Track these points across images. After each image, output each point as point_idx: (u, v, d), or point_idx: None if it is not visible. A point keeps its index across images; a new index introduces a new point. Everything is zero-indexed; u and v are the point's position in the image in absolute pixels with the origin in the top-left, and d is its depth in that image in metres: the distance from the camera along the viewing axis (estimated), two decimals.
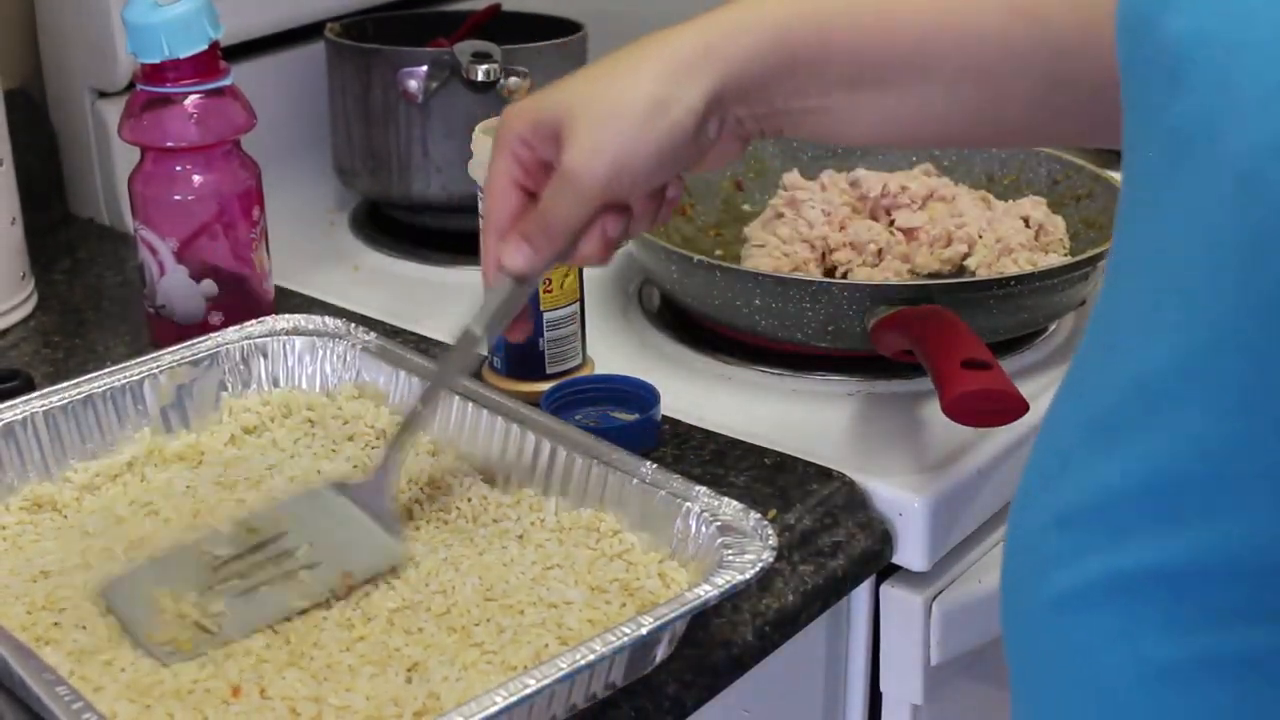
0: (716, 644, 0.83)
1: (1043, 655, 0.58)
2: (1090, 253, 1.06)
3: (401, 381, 0.95)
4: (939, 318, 0.97)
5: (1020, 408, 0.89)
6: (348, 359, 0.98)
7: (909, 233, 1.14)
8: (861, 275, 1.11)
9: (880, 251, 1.13)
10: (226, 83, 1.06)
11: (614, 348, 1.10)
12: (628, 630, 0.72)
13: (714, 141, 0.79)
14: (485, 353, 1.01)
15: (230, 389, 0.97)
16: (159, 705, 0.71)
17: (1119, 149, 0.57)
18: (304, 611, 0.78)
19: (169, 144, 1.05)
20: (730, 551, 0.78)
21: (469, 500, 0.87)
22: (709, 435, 0.99)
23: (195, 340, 0.97)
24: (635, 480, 0.84)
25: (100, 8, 1.23)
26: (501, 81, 1.20)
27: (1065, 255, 1.14)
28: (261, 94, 1.15)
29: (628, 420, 0.98)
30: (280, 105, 1.34)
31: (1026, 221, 1.15)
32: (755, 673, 0.86)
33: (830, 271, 1.12)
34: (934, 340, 0.94)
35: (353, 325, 0.99)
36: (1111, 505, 0.53)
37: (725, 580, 0.75)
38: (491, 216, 0.80)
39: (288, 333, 0.99)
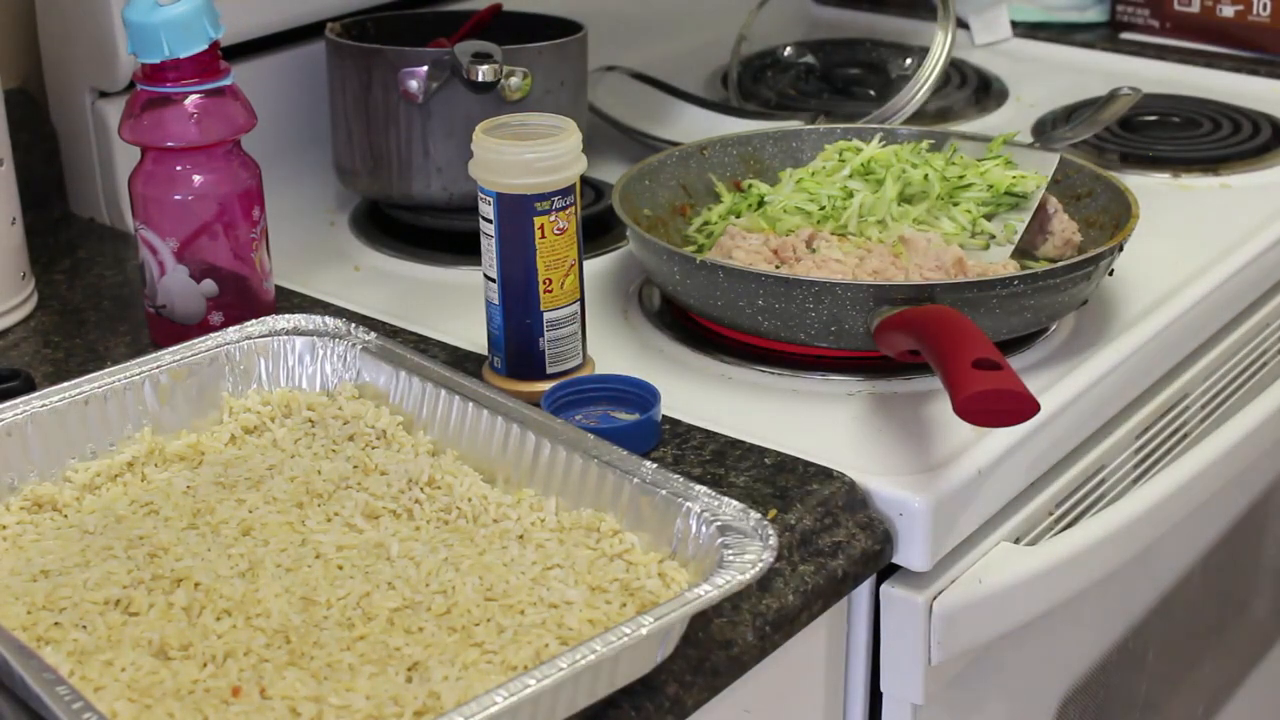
0: (716, 644, 0.83)
1: None
2: (1092, 252, 1.06)
3: (402, 381, 0.95)
4: (946, 317, 0.97)
5: (1031, 408, 0.89)
6: (348, 359, 0.98)
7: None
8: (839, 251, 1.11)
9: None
10: (226, 83, 1.06)
11: (614, 348, 1.10)
12: (628, 630, 0.72)
13: None
14: None
15: (230, 389, 0.97)
16: (159, 705, 0.71)
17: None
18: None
19: (169, 144, 1.05)
20: (730, 551, 0.78)
21: (469, 500, 0.87)
22: (709, 435, 0.99)
23: (195, 340, 0.97)
24: (635, 480, 0.84)
25: (100, 8, 1.23)
26: (502, 82, 1.20)
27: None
28: (261, 94, 1.15)
29: (628, 420, 0.98)
30: (280, 105, 1.34)
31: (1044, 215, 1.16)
32: (755, 673, 0.86)
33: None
34: (942, 340, 0.94)
35: (353, 325, 0.99)
36: None
37: (725, 580, 0.75)
38: None
39: (288, 333, 0.99)
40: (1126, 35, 1.76)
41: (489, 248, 1.00)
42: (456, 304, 1.16)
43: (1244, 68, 1.66)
